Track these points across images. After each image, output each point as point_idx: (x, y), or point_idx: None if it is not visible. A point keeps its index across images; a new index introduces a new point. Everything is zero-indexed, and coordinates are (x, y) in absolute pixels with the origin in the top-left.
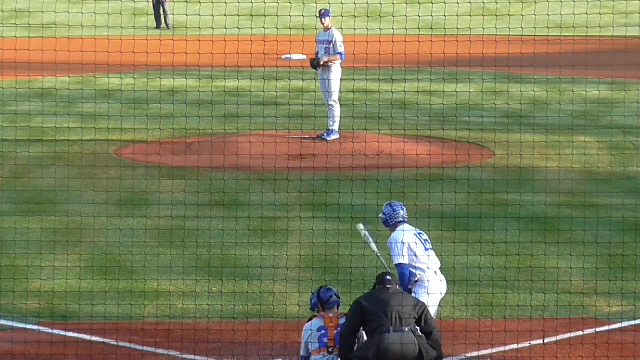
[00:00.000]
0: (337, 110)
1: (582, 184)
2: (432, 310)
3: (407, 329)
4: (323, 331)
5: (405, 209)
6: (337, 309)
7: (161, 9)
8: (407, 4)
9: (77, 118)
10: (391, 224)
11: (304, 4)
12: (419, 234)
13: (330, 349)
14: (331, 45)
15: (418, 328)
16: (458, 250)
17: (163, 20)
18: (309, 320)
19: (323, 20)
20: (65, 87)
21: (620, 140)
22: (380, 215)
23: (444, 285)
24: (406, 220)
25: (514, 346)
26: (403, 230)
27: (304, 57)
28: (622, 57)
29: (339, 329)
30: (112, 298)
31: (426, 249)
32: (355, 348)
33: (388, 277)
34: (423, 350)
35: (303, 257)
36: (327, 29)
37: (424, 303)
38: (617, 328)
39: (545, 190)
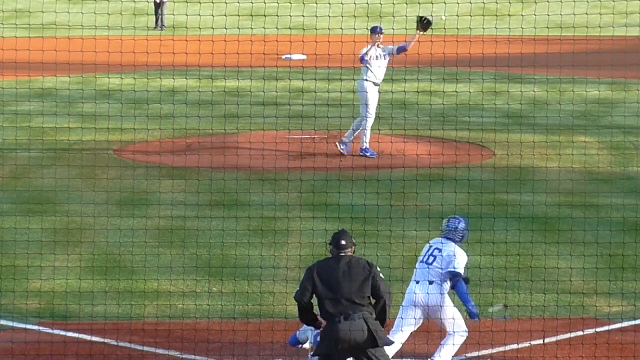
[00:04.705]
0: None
1: (582, 184)
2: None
3: (357, 315)
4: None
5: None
6: None
7: (159, 9)
8: (407, 4)
9: (77, 118)
10: (458, 240)
11: (304, 4)
12: (430, 247)
13: None
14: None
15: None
16: None
17: (159, 20)
18: None
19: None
20: (65, 87)
21: (620, 140)
22: (462, 224)
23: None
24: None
25: (514, 346)
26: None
27: (304, 57)
28: (622, 57)
29: None
30: (112, 298)
31: (421, 261)
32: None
33: (342, 242)
34: (374, 334)
35: (303, 257)
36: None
37: (374, 268)
38: (617, 328)
39: (545, 190)
